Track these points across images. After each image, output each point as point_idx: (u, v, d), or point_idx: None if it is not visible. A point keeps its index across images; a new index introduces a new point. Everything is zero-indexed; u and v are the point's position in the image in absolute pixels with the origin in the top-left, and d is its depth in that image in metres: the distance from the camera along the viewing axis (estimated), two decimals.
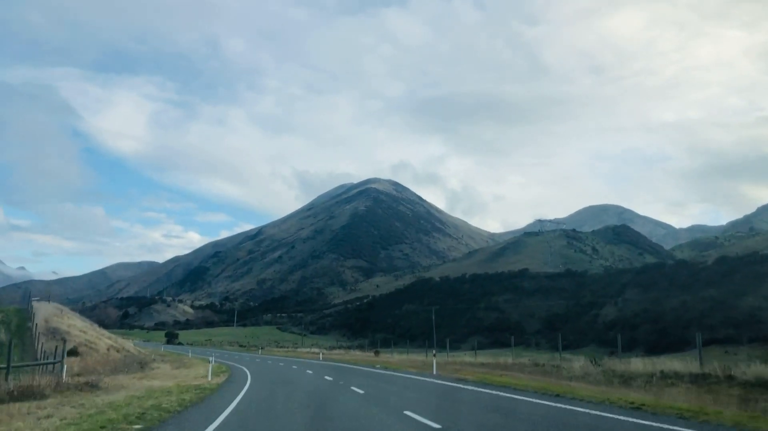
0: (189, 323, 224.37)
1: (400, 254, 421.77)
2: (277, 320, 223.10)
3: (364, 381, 22.57)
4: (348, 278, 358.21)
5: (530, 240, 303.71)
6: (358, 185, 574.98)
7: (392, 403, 15.39)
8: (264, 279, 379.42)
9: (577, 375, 22.96)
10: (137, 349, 56.79)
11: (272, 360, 52.29)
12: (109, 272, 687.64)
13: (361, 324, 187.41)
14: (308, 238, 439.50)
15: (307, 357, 57.40)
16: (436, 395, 18.10)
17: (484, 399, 16.03)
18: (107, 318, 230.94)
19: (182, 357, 63.46)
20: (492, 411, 13.15)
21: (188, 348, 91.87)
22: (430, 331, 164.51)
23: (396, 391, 19.27)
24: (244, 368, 39.26)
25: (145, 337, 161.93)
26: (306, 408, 13.94)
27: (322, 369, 34.06)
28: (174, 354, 72.79)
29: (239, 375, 28.39)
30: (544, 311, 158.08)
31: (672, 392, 16.28)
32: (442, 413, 12.93)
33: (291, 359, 53.74)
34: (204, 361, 50.01)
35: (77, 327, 42.93)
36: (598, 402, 14.22)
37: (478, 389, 19.25)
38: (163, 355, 68.81)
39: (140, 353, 54.11)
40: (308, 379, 24.99)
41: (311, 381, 23.67)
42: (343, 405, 14.78)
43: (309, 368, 35.23)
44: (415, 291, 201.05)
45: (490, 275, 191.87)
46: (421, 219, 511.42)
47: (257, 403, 15.47)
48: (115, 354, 40.23)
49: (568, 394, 16.05)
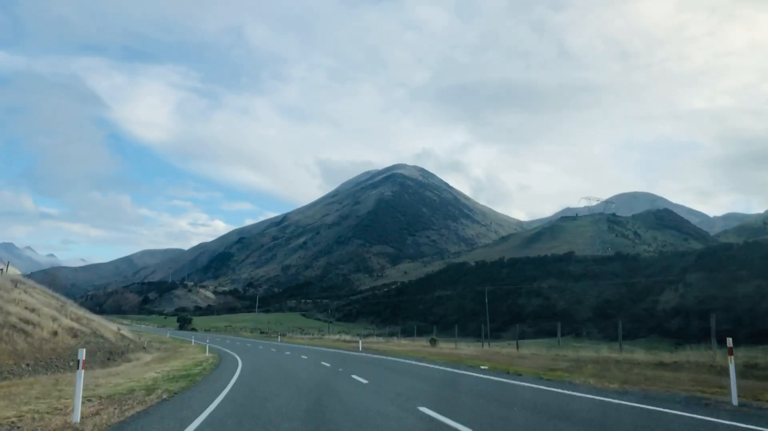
0: (210, 309, 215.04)
1: (428, 240, 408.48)
2: (302, 306, 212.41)
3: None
4: (374, 264, 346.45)
5: (567, 225, 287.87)
6: (384, 171, 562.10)
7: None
8: (288, 266, 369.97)
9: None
10: (125, 334, 45.00)
11: (292, 350, 40.29)
12: (135, 259, 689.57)
13: (390, 311, 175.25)
14: (333, 224, 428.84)
15: (340, 347, 45.09)
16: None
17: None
18: (126, 303, 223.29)
19: (182, 345, 51.83)
20: None
21: (197, 336, 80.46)
22: (465, 318, 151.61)
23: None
24: (238, 361, 27.32)
25: (162, 323, 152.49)
26: None
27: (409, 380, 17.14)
28: (177, 341, 61.34)
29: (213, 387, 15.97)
30: (594, 297, 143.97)
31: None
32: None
33: (317, 350, 41.55)
34: (203, 350, 38.35)
35: (26, 303, 31.12)
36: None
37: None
38: (163, 342, 57.50)
39: (125, 340, 42.31)
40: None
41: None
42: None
43: (358, 370, 20.28)
44: (448, 277, 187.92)
45: (532, 259, 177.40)
46: (449, 205, 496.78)
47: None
48: (69, 340, 28.26)
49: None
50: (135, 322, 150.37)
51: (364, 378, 16.76)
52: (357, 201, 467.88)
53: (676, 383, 14.14)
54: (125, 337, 43.41)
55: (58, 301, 44.43)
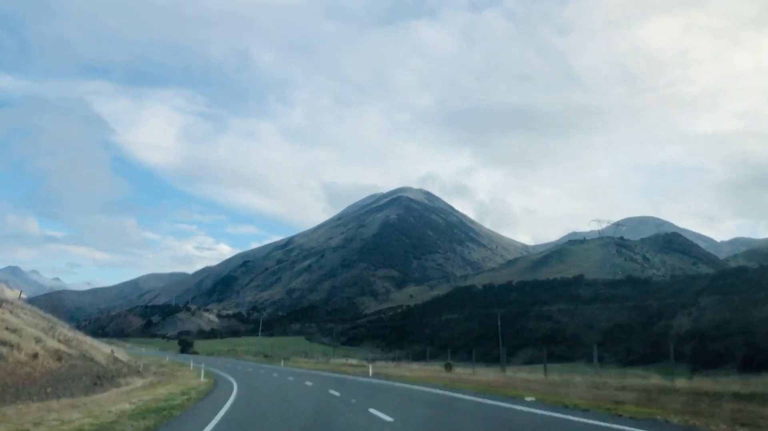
0: (214, 332, 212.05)
1: (434, 264, 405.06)
2: (306, 330, 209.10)
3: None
4: (379, 288, 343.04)
5: (575, 248, 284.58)
6: (389, 194, 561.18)
7: None
8: (293, 289, 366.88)
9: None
10: (119, 357, 42.68)
11: (295, 375, 37.84)
12: (140, 282, 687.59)
13: (396, 334, 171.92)
14: (338, 247, 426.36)
15: (347, 372, 42.57)
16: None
17: None
18: (129, 326, 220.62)
19: (180, 369, 49.42)
20: None
21: (198, 359, 77.86)
22: (473, 342, 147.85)
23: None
24: (234, 387, 25.25)
25: (164, 346, 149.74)
26: None
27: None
28: (176, 365, 58.85)
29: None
30: (604, 321, 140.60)
31: None
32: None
33: (323, 375, 38.98)
34: (200, 375, 36.07)
35: (7, 323, 28.95)
36: None
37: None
38: (161, 366, 55.03)
39: (118, 363, 39.99)
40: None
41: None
42: None
43: (376, 402, 17.73)
44: (455, 300, 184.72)
45: (540, 282, 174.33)
46: (455, 228, 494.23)
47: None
48: (51, 363, 26.04)
49: None
50: (137, 345, 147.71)
51: (387, 414, 13.74)
52: (362, 224, 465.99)
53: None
54: (119, 361, 41.08)
55: (49, 322, 42.21)
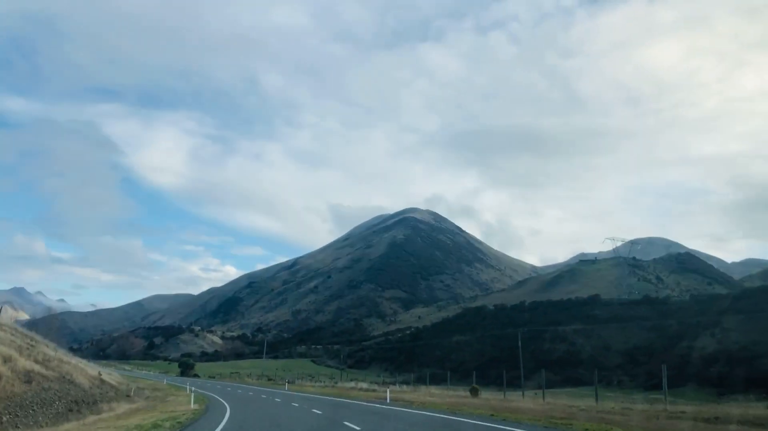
0: (217, 354, 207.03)
1: (441, 285, 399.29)
2: (312, 352, 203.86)
3: None
4: (386, 309, 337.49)
5: (587, 269, 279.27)
6: (396, 215, 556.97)
7: None
8: (299, 310, 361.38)
9: None
10: (107, 380, 38.49)
11: (300, 401, 33.49)
12: (145, 304, 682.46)
13: (405, 357, 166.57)
14: (345, 268, 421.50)
15: (359, 398, 38.18)
16: None
17: None
18: (131, 348, 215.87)
19: (174, 393, 45.17)
20: None
21: (197, 383, 73.47)
22: (485, 365, 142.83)
23: None
24: (226, 414, 21.13)
25: (166, 368, 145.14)
26: None
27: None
28: (172, 388, 54.58)
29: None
30: (622, 343, 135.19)
31: None
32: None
33: (332, 401, 34.54)
34: (195, 398, 32.00)
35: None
36: None
37: None
38: (156, 389, 50.77)
39: (104, 386, 35.83)
40: None
41: None
42: None
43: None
44: (465, 322, 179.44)
45: (554, 302, 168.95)
46: (462, 249, 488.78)
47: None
48: (17, 386, 22.05)
49: None
50: (137, 368, 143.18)
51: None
52: (369, 244, 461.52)
53: None
54: (106, 384, 36.92)
55: (31, 341, 38.24)
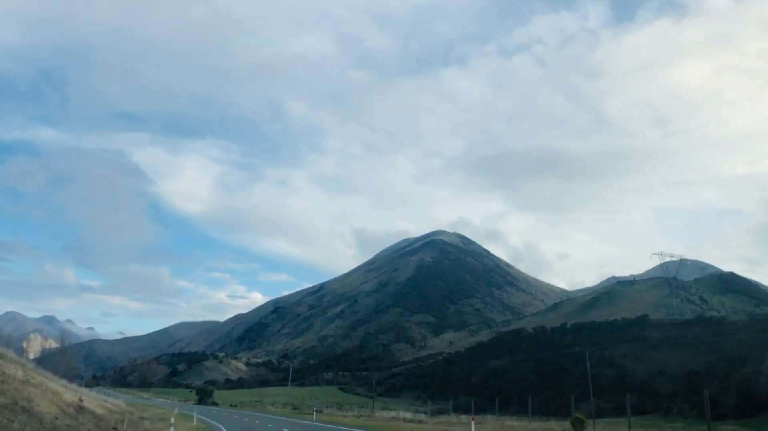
0: (241, 381, 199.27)
1: (471, 309, 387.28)
2: (339, 379, 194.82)
3: None
4: (415, 334, 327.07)
5: (625, 290, 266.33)
6: (422, 238, 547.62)
7: None
8: (325, 336, 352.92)
9: None
10: (89, 408, 31.02)
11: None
12: (171, 331, 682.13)
13: (438, 384, 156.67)
14: (371, 292, 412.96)
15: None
16: None
17: None
18: (152, 375, 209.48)
19: (181, 425, 37.52)
20: None
21: (214, 412, 65.63)
22: (526, 391, 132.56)
23: None
24: None
25: (187, 396, 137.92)
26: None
27: None
28: (181, 418, 46.85)
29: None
30: (677, 367, 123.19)
31: None
32: None
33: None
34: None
35: None
36: None
37: None
38: (162, 419, 43.14)
39: (83, 416, 28.29)
40: None
41: None
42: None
43: None
44: (502, 346, 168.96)
45: (599, 324, 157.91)
46: (492, 272, 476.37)
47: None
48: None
49: None
50: (155, 396, 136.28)
51: None
52: (396, 268, 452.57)
53: None
54: (85, 412, 29.40)
55: (15, 365, 31.06)
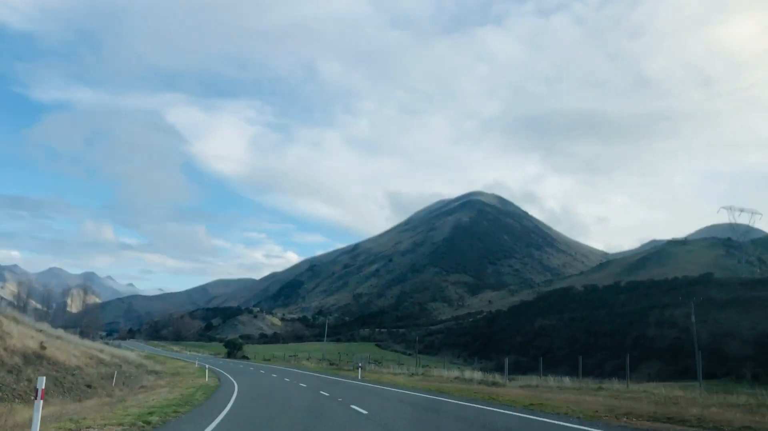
0: (276, 336, 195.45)
1: (509, 269, 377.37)
2: (376, 336, 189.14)
3: None
4: (452, 294, 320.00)
5: (676, 250, 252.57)
6: (459, 198, 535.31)
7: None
8: (360, 294, 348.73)
9: None
10: (49, 353, 23.25)
11: (421, 407, 17.53)
12: (209, 288, 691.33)
13: (480, 343, 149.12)
14: (407, 251, 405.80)
15: (494, 397, 21.78)
16: None
17: None
18: (186, 329, 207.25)
19: (195, 380, 29.85)
20: None
21: (241, 366, 58.62)
22: (577, 352, 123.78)
23: None
24: None
25: (218, 350, 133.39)
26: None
27: None
28: (198, 373, 39.38)
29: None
30: (748, 329, 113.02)
31: None
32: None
33: (484, 410, 18.25)
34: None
35: None
36: None
37: None
38: (177, 373, 35.75)
39: (58, 366, 20.51)
40: None
41: None
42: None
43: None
44: (549, 305, 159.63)
45: (657, 282, 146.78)
46: (531, 233, 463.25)
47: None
48: None
49: None
50: (187, 349, 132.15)
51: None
52: (432, 227, 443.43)
53: None
54: (44, 361, 21.63)
55: None
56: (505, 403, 19.97)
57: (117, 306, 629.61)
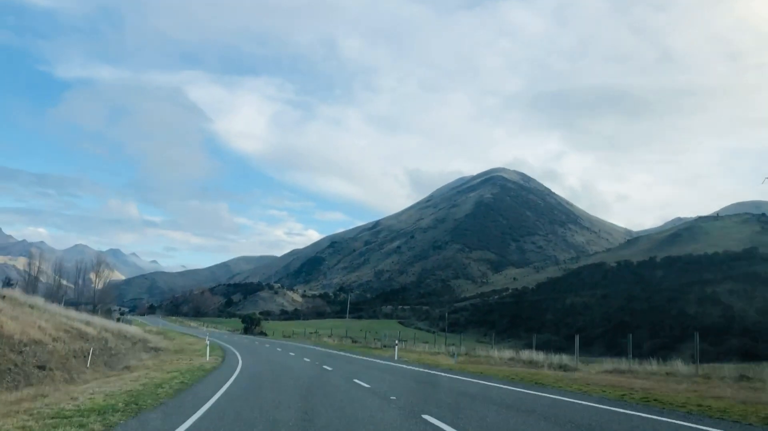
0: (297, 313, 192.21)
1: (533, 246, 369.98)
2: (398, 313, 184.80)
3: None
4: (474, 271, 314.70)
5: (708, 226, 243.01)
6: (481, 175, 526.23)
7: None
8: (381, 271, 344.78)
9: None
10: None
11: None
12: (231, 265, 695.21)
13: (508, 321, 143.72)
14: (429, 228, 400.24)
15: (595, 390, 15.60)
16: None
17: None
18: (206, 305, 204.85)
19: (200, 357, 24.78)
20: None
21: (255, 344, 54.01)
22: (613, 331, 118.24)
23: None
24: None
25: (237, 326, 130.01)
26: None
27: None
28: (205, 349, 34.45)
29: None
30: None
31: None
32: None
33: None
34: None
35: None
36: None
37: None
38: (183, 350, 30.81)
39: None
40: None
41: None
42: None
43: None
44: (580, 281, 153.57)
45: (696, 258, 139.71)
46: (555, 210, 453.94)
47: None
48: None
49: None
50: (205, 325, 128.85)
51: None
52: (453, 204, 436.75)
53: None
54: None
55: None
56: (638, 402, 12.79)
57: (141, 282, 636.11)
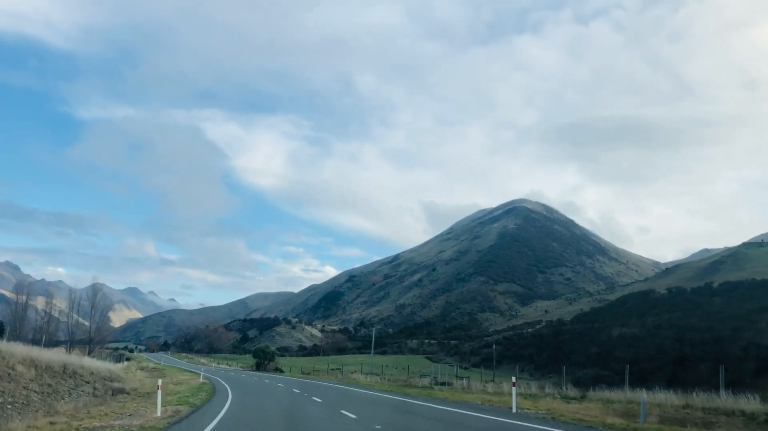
0: (316, 348, 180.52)
1: (561, 278, 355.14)
2: (425, 348, 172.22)
3: None
4: (500, 304, 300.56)
5: (754, 253, 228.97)
6: (502, 206, 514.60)
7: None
8: (403, 305, 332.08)
9: None
10: None
11: None
12: (248, 302, 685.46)
13: (548, 355, 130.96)
14: (451, 260, 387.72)
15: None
16: None
17: None
18: (220, 341, 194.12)
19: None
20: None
21: (270, 383, 43.54)
22: (670, 364, 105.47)
23: None
24: None
25: (250, 362, 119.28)
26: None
27: None
28: (190, 390, 23.91)
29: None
30: None
31: None
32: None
33: None
34: None
35: None
36: None
37: None
38: (168, 387, 20.05)
39: None
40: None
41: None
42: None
43: None
44: (627, 310, 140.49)
45: (759, 283, 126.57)
46: (581, 241, 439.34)
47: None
48: None
49: None
50: (218, 362, 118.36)
51: None
52: (476, 236, 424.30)
53: None
54: None
55: None
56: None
57: (158, 320, 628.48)
